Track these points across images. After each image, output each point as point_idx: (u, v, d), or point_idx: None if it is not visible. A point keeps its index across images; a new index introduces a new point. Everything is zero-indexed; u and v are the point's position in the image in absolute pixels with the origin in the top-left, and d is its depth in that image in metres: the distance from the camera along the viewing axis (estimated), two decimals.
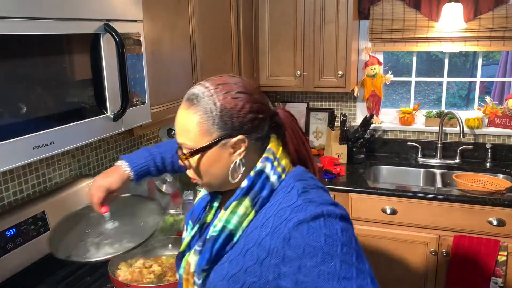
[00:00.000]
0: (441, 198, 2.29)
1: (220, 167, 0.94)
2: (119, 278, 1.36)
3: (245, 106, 0.92)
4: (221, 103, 0.90)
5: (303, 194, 0.90)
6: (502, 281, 2.23)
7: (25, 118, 1.03)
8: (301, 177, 0.95)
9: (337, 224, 0.86)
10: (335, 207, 0.89)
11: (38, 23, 1.03)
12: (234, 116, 0.91)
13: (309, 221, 0.85)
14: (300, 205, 0.88)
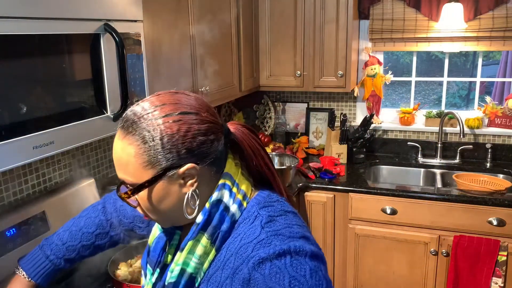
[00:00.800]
0: (441, 198, 2.29)
1: (171, 202, 0.80)
2: (119, 278, 1.36)
3: (191, 129, 0.77)
4: (161, 129, 0.75)
5: (268, 225, 0.78)
6: (502, 281, 2.23)
7: (25, 118, 1.03)
8: (266, 203, 0.82)
9: (306, 264, 0.73)
10: (306, 241, 0.76)
11: (38, 23, 1.03)
12: (178, 143, 0.76)
13: (273, 259, 0.72)
14: (264, 239, 0.75)
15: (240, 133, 0.85)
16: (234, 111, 3.12)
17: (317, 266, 0.74)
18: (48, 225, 1.48)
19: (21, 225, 1.38)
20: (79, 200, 1.63)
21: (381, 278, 2.45)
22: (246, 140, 0.85)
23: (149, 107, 0.77)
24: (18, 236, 1.36)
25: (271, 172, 0.89)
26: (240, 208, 0.81)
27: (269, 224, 0.78)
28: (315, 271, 0.73)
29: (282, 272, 0.71)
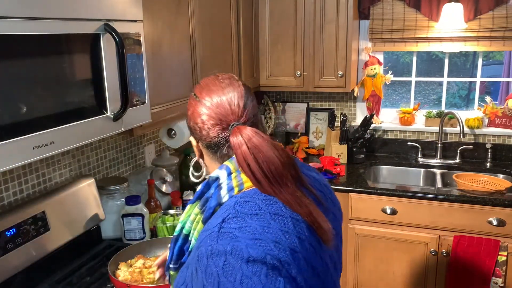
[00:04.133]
0: (441, 198, 2.29)
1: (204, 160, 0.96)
2: (119, 278, 1.36)
3: (189, 110, 0.91)
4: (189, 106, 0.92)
5: (229, 221, 0.77)
6: (502, 281, 2.23)
7: (25, 118, 1.03)
8: (247, 198, 0.80)
9: (240, 270, 0.70)
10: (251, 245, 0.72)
11: (38, 23, 1.03)
12: (187, 118, 0.93)
13: (209, 257, 0.73)
14: (215, 233, 0.76)
15: (237, 146, 0.83)
16: None
17: (253, 272, 0.70)
18: (48, 225, 1.48)
19: (21, 225, 1.38)
20: (79, 200, 1.63)
21: (381, 278, 2.45)
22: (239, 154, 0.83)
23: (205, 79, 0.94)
24: (18, 236, 1.36)
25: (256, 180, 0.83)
26: (229, 193, 0.83)
27: (231, 220, 0.77)
28: (248, 277, 0.70)
29: (214, 274, 0.71)
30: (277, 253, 0.73)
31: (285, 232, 0.76)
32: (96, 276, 1.50)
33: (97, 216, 1.70)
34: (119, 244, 1.70)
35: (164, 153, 2.18)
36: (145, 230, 1.74)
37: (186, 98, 1.84)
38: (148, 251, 1.57)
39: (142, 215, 1.71)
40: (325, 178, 0.98)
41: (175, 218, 1.81)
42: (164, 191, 2.01)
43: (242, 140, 0.82)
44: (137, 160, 2.19)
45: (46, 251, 1.46)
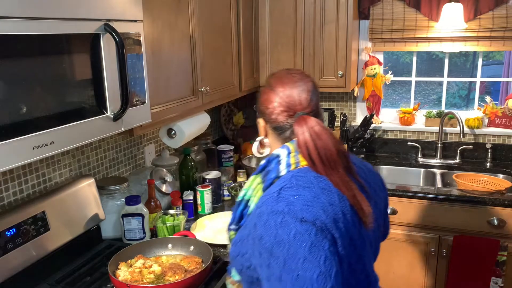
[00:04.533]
0: (441, 198, 2.29)
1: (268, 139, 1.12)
2: (119, 278, 1.36)
3: (261, 96, 1.08)
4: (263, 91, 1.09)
5: (286, 189, 0.93)
6: (502, 281, 2.23)
7: (25, 118, 1.03)
8: (301, 174, 0.96)
9: (294, 227, 0.85)
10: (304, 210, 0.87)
11: (38, 23, 1.03)
12: (258, 105, 1.10)
13: (269, 213, 0.89)
14: (274, 197, 0.92)
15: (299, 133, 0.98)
16: (234, 111, 3.12)
17: (304, 230, 0.85)
18: (48, 225, 1.48)
19: (21, 225, 1.38)
20: (79, 200, 1.63)
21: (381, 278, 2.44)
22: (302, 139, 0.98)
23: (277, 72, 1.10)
24: (18, 236, 1.36)
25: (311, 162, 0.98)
26: (287, 168, 0.99)
27: (288, 189, 0.93)
28: (301, 234, 0.84)
29: (272, 228, 0.87)
30: (324, 219, 0.87)
31: (331, 204, 0.90)
32: (96, 276, 1.50)
33: (97, 216, 1.70)
34: (119, 244, 1.70)
35: (164, 153, 2.18)
36: (145, 230, 1.74)
37: (186, 98, 1.85)
38: (148, 251, 1.57)
39: (142, 215, 1.71)
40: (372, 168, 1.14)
41: (175, 218, 1.81)
42: (164, 191, 2.01)
43: (305, 128, 0.97)
44: (137, 160, 2.19)
45: (46, 251, 1.46)
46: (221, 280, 1.47)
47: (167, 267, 1.43)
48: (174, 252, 1.59)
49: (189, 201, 2.01)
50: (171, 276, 1.38)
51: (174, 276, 1.38)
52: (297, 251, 0.83)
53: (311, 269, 0.82)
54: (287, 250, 0.84)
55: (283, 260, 0.84)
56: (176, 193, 1.97)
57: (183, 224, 1.79)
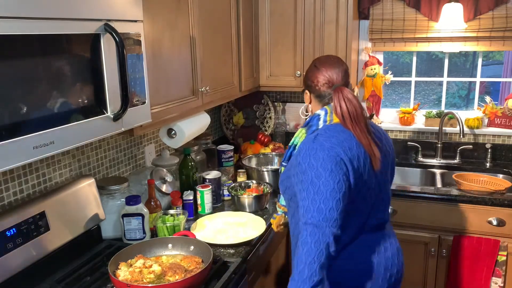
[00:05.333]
0: (441, 198, 2.29)
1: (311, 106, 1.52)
2: (119, 278, 1.36)
3: (309, 74, 1.49)
4: (310, 69, 1.50)
5: (319, 136, 1.34)
6: (502, 281, 2.24)
7: (25, 118, 1.03)
8: (332, 128, 1.37)
9: (322, 157, 1.27)
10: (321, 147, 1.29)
11: (38, 23, 1.03)
12: (305, 78, 1.52)
13: (306, 149, 1.31)
14: (309, 138, 1.36)
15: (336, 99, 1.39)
16: (234, 111, 3.12)
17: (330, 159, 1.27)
18: (48, 225, 1.48)
19: (21, 225, 1.38)
20: (79, 200, 1.63)
21: None
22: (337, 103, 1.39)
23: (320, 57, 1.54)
24: (18, 236, 1.36)
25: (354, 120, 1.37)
26: (324, 123, 1.40)
27: (321, 135, 1.34)
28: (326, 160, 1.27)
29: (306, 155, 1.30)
30: (343, 156, 1.28)
31: (350, 149, 1.31)
32: (96, 276, 1.50)
33: (97, 216, 1.70)
34: (119, 244, 1.70)
35: (164, 153, 2.18)
36: (145, 230, 1.74)
37: (186, 98, 1.85)
38: (148, 251, 1.57)
39: (142, 215, 1.71)
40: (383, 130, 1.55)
41: (175, 218, 1.81)
42: (164, 191, 2.01)
43: (340, 95, 1.38)
44: (137, 160, 2.19)
45: (46, 251, 1.46)
46: (221, 280, 1.47)
47: (167, 267, 1.43)
48: (174, 252, 1.59)
49: (189, 201, 2.01)
50: (171, 276, 1.38)
51: (174, 276, 1.38)
52: (321, 173, 1.25)
53: (327, 186, 1.23)
54: (315, 171, 1.25)
55: (311, 178, 1.25)
56: (176, 193, 1.97)
57: (183, 224, 1.79)
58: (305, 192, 1.25)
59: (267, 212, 2.07)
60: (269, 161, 2.65)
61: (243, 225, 1.91)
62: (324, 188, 1.23)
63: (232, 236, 1.80)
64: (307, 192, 1.24)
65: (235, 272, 1.56)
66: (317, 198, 1.22)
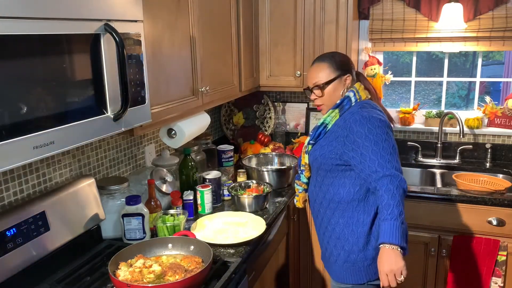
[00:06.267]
0: (441, 198, 2.29)
1: (337, 92, 1.75)
2: (119, 278, 1.36)
3: (349, 60, 1.81)
4: (339, 58, 1.76)
5: (364, 108, 1.66)
6: (502, 281, 2.24)
7: (25, 118, 1.03)
8: (366, 103, 1.71)
9: (375, 122, 1.59)
10: (377, 117, 1.61)
11: (38, 23, 1.03)
12: (345, 64, 1.76)
13: (361, 119, 1.61)
14: (359, 111, 1.64)
15: (366, 80, 1.83)
16: (234, 111, 3.12)
17: (381, 125, 1.60)
18: (48, 225, 1.48)
19: (21, 225, 1.38)
20: (79, 200, 1.63)
21: None
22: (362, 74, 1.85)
23: (329, 53, 1.84)
24: (18, 236, 1.36)
25: (373, 90, 1.81)
26: (355, 101, 1.70)
27: (364, 108, 1.66)
28: (380, 126, 1.59)
29: (363, 125, 1.60)
30: (388, 123, 1.65)
31: (385, 116, 1.68)
32: (96, 276, 1.50)
33: (97, 216, 1.70)
34: (119, 244, 1.70)
35: (164, 153, 2.18)
36: (145, 230, 1.74)
37: (186, 98, 1.85)
38: (148, 251, 1.57)
39: (142, 215, 1.71)
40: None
41: (175, 218, 1.81)
42: (164, 191, 2.01)
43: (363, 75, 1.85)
44: (137, 160, 2.19)
45: (46, 251, 1.46)
46: (221, 280, 1.47)
47: (167, 267, 1.43)
48: (174, 252, 1.59)
49: (189, 201, 2.01)
50: (171, 276, 1.38)
51: (174, 276, 1.38)
52: (381, 135, 1.57)
53: (389, 144, 1.58)
54: (374, 135, 1.57)
55: (374, 140, 1.56)
56: (176, 193, 1.97)
57: (183, 224, 1.79)
58: (370, 153, 1.55)
59: (267, 212, 2.07)
60: (269, 161, 2.66)
61: (243, 225, 1.91)
62: (387, 146, 1.55)
63: (232, 236, 1.80)
64: (373, 152, 1.54)
65: (235, 272, 1.56)
66: (385, 154, 1.54)
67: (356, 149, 1.58)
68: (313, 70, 1.76)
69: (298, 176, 1.88)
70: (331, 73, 1.72)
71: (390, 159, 1.54)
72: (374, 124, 1.58)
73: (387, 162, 1.53)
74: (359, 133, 1.58)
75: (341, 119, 1.69)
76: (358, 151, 1.58)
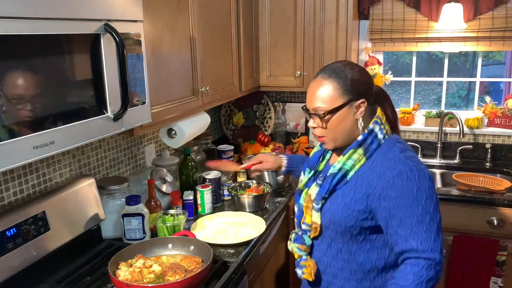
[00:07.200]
0: (441, 198, 2.29)
1: (346, 124, 1.27)
2: (119, 278, 1.36)
3: (366, 78, 1.28)
4: (351, 76, 1.25)
5: (403, 152, 1.24)
6: (502, 281, 2.24)
7: (25, 118, 1.03)
8: (399, 140, 1.31)
9: (427, 182, 1.19)
10: (425, 167, 1.23)
11: (38, 23, 1.03)
12: (360, 84, 1.26)
13: (408, 172, 1.19)
14: (402, 158, 1.22)
15: (384, 92, 1.38)
16: (234, 111, 3.12)
17: (432, 185, 1.21)
18: (48, 225, 1.48)
19: (21, 225, 1.38)
20: (79, 200, 1.63)
21: None
22: (387, 96, 1.38)
23: (339, 64, 1.29)
24: (18, 236, 1.36)
25: (397, 120, 1.40)
26: (384, 138, 1.28)
27: (404, 151, 1.25)
28: (431, 187, 1.21)
29: (412, 183, 1.18)
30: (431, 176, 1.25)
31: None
32: (97, 276, 1.50)
33: (98, 216, 1.70)
34: (119, 244, 1.70)
35: (164, 153, 2.18)
36: (145, 230, 1.74)
37: (186, 98, 1.85)
38: (148, 251, 1.57)
39: (142, 215, 1.71)
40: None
41: (175, 218, 1.81)
42: (164, 191, 2.01)
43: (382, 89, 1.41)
44: (137, 160, 2.19)
45: (46, 251, 1.46)
46: (221, 280, 1.47)
47: (167, 267, 1.43)
48: (174, 252, 1.59)
49: (189, 201, 2.01)
50: (171, 276, 1.38)
51: (174, 276, 1.38)
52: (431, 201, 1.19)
53: (438, 212, 1.21)
54: (425, 198, 1.18)
55: (423, 206, 1.18)
56: (176, 193, 1.97)
57: (183, 224, 1.79)
58: (414, 223, 1.17)
59: (267, 212, 2.07)
60: None
61: (243, 225, 1.91)
62: (435, 217, 1.19)
63: (232, 236, 1.80)
64: (418, 224, 1.17)
65: (235, 272, 1.56)
66: (432, 229, 1.17)
67: (395, 212, 1.19)
68: (314, 88, 1.28)
69: (299, 238, 1.38)
70: (338, 97, 1.24)
71: (436, 237, 1.17)
72: (425, 184, 1.19)
73: (433, 242, 1.17)
74: (404, 192, 1.18)
75: (368, 164, 1.26)
76: (397, 216, 1.19)
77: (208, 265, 1.41)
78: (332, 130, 1.28)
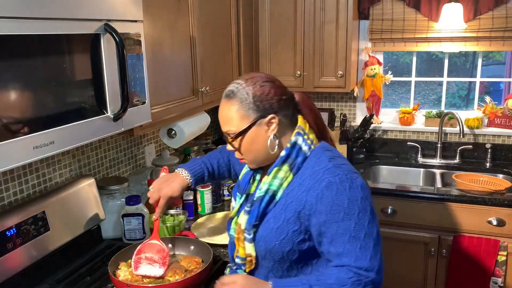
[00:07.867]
0: (441, 198, 2.29)
1: (260, 143, 1.17)
2: (119, 278, 1.36)
3: (271, 91, 1.16)
4: (252, 92, 1.14)
5: (333, 160, 1.14)
6: (502, 281, 2.24)
7: (25, 118, 1.03)
8: (327, 148, 1.20)
9: (359, 193, 1.08)
10: (358, 175, 1.12)
11: (38, 23, 1.03)
12: (263, 100, 1.15)
13: (338, 183, 1.08)
14: (331, 168, 1.11)
15: (300, 97, 1.23)
16: None
17: (366, 195, 1.09)
18: (48, 225, 1.48)
19: (21, 225, 1.38)
20: (79, 200, 1.63)
21: None
22: (305, 101, 1.24)
23: (241, 80, 1.17)
24: (18, 236, 1.36)
25: (323, 124, 1.26)
26: (309, 149, 1.17)
27: (333, 160, 1.14)
28: (364, 198, 1.08)
29: (343, 195, 1.07)
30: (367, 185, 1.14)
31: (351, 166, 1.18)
32: (96, 276, 1.50)
33: (97, 216, 1.70)
34: (119, 244, 1.70)
35: (164, 153, 2.18)
36: (145, 230, 1.74)
37: (186, 98, 1.85)
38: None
39: (142, 215, 1.71)
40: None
41: (175, 218, 1.81)
42: None
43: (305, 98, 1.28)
44: (137, 160, 2.19)
45: (46, 251, 1.46)
46: None
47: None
48: (174, 252, 1.59)
49: (189, 201, 2.01)
50: (171, 276, 1.38)
51: (174, 276, 1.38)
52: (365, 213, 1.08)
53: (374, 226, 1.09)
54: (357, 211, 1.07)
55: (355, 220, 1.06)
56: None
57: (183, 224, 1.79)
58: (346, 241, 1.06)
59: None
60: None
61: None
62: (371, 231, 1.07)
63: None
64: (351, 240, 1.05)
65: None
66: (366, 245, 1.05)
67: (325, 229, 1.08)
68: (220, 111, 1.19)
69: (234, 273, 1.26)
70: (243, 118, 1.15)
71: (373, 255, 1.06)
72: (357, 195, 1.07)
73: (369, 260, 1.05)
74: (334, 206, 1.07)
75: (297, 180, 1.15)
76: (328, 233, 1.08)
77: (208, 265, 1.41)
78: (248, 151, 1.18)
